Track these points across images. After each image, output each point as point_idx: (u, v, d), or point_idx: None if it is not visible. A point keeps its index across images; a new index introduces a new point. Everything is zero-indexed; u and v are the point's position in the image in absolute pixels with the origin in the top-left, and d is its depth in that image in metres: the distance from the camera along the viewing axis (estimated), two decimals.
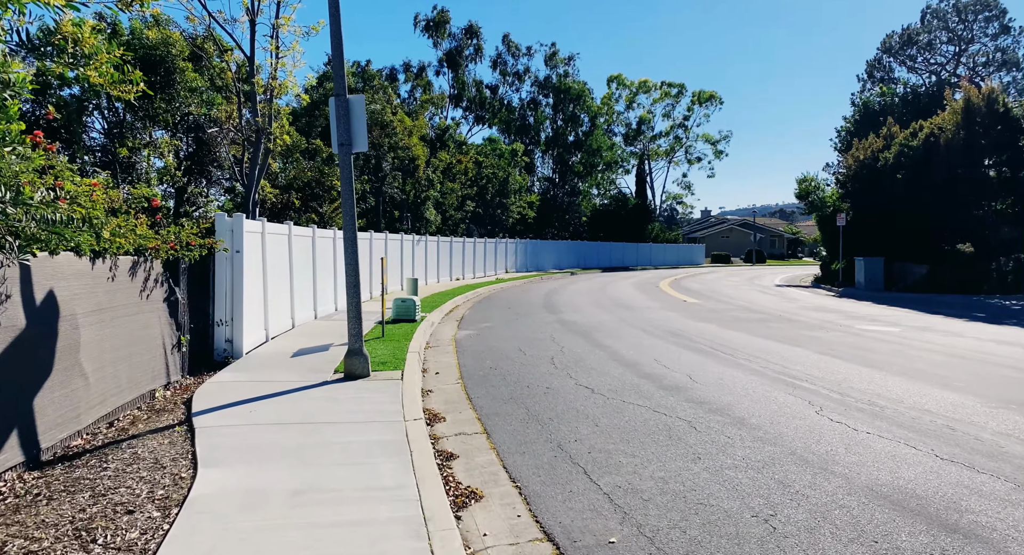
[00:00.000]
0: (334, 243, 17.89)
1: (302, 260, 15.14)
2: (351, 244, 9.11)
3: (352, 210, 9.15)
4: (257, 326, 11.80)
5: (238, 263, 10.81)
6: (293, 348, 11.43)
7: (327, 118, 23.88)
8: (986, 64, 52.41)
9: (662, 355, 10.52)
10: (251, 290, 11.42)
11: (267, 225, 12.54)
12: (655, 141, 73.06)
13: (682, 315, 16.78)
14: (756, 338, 12.46)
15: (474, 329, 14.91)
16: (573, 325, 14.89)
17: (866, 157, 31.66)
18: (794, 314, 17.14)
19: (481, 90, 60.31)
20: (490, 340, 13.00)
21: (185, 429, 6.55)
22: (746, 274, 45.35)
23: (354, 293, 9.13)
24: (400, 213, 30.75)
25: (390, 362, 10.16)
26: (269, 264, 12.60)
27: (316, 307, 16.12)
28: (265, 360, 10.37)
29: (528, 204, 46.83)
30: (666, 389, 8.12)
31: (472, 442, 6.44)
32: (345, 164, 9.07)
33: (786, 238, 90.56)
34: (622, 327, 14.32)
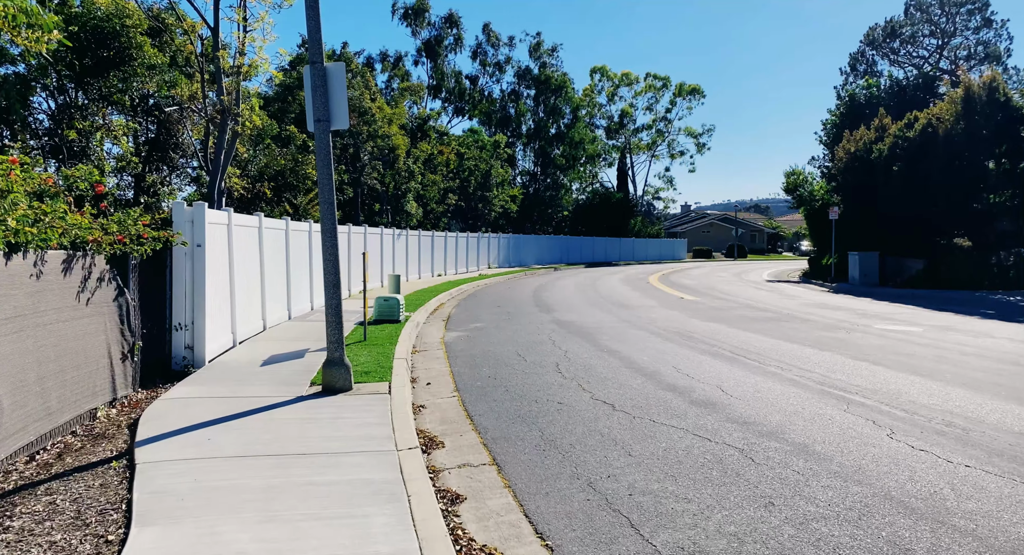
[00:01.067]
0: (309, 236, 16.56)
1: (274, 255, 13.81)
2: (330, 237, 7.87)
3: (331, 197, 7.91)
4: (222, 329, 10.50)
5: (199, 259, 9.49)
6: (264, 355, 10.15)
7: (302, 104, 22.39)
8: (968, 57, 52.32)
9: (681, 362, 9.43)
10: (215, 289, 10.11)
11: (234, 216, 11.22)
12: (637, 134, 72.26)
13: (685, 314, 15.75)
14: (776, 340, 11.45)
15: (464, 330, 13.72)
16: (571, 326, 13.77)
17: (857, 149, 30.96)
18: (802, 312, 16.20)
19: (460, 81, 58.87)
20: (483, 343, 11.82)
21: (124, 465, 5.29)
22: (732, 269, 44.68)
23: (334, 293, 7.89)
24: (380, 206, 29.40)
25: (375, 372, 8.94)
26: (237, 260, 11.29)
27: (290, 306, 14.81)
28: (231, 369, 9.08)
29: (511, 198, 45.63)
30: (699, 405, 7.02)
31: (481, 477, 5.28)
32: (322, 144, 7.82)
33: (766, 233, 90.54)
34: (625, 328, 13.24)
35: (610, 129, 70.17)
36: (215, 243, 10.28)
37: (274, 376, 8.63)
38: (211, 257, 9.96)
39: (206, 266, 9.58)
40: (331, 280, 7.88)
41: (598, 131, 68.69)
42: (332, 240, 7.88)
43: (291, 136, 20.01)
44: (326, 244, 7.86)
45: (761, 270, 43.55)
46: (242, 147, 16.54)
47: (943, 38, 52.51)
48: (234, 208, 18.23)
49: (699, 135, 73.09)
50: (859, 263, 27.02)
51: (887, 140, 27.88)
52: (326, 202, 7.85)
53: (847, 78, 57.72)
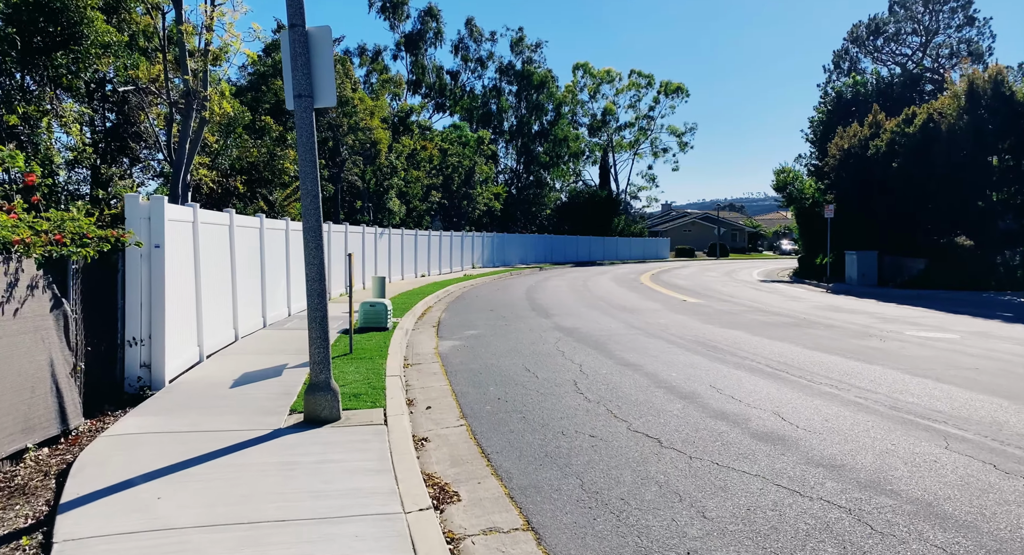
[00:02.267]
0: (287, 236, 15.16)
1: (248, 256, 12.42)
2: (314, 236, 6.57)
3: (316, 189, 6.60)
4: (186, 343, 9.12)
5: (158, 261, 8.12)
6: (235, 372, 8.79)
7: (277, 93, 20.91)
8: (951, 55, 52.18)
9: (718, 380, 8.27)
10: (178, 296, 8.74)
11: (201, 212, 9.84)
12: (620, 132, 71.38)
13: (696, 319, 14.64)
14: (809, 350, 10.36)
15: (459, 339, 12.46)
16: (577, 333, 12.58)
17: (852, 146, 30.23)
18: (819, 316, 15.19)
19: (441, 76, 57.46)
20: (483, 354, 10.58)
21: (38, 544, 3.96)
22: (720, 268, 43.90)
23: (318, 304, 6.59)
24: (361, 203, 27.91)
25: (366, 394, 7.65)
26: (204, 262, 9.91)
27: (265, 313, 13.42)
28: (195, 393, 7.72)
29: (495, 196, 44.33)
30: (764, 440, 5.86)
31: (516, 551, 4.05)
32: (305, 124, 6.51)
33: (747, 232, 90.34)
34: (638, 336, 12.07)
35: (593, 127, 69.17)
36: (178, 243, 8.91)
37: (246, 401, 7.30)
38: (173, 259, 8.58)
39: (166, 270, 8.21)
40: (315, 288, 6.58)
41: (581, 129, 67.69)
42: (316, 240, 6.58)
43: (266, 127, 18.48)
44: (309, 245, 6.56)
45: (749, 269, 42.82)
46: (211, 136, 14.99)
47: (927, 36, 52.31)
48: (203, 204, 16.74)
49: (682, 133, 72.45)
50: (857, 263, 26.23)
51: (884, 136, 27.13)
52: (309, 195, 6.54)
53: (831, 76, 57.36)
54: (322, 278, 6.61)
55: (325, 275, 6.66)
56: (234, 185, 15.53)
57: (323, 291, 6.61)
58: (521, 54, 59.35)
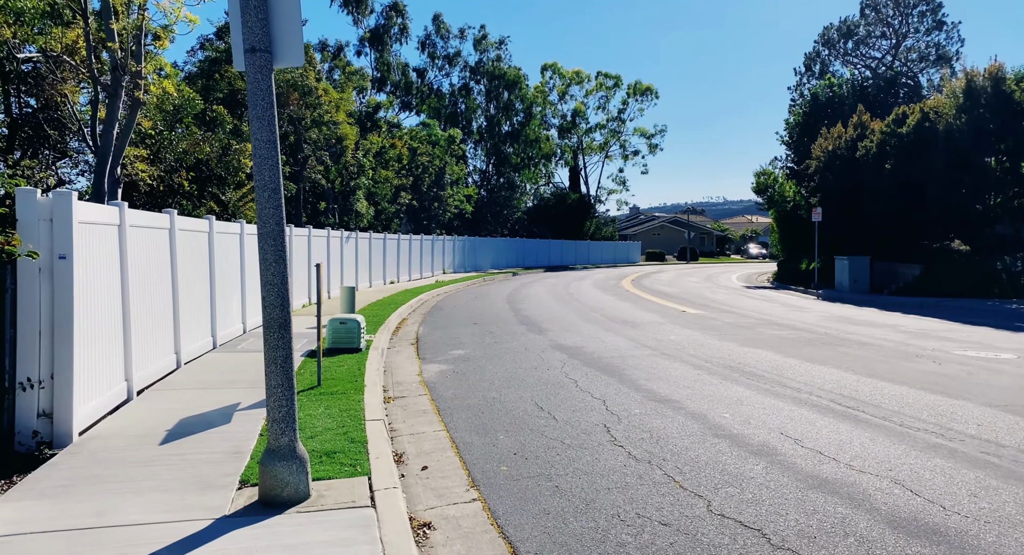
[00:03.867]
0: (242, 240, 13.17)
1: (194, 266, 10.44)
2: (274, 244, 4.75)
3: (276, 181, 4.80)
4: (107, 378, 7.16)
5: (64, 277, 6.19)
6: (170, 417, 6.86)
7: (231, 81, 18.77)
8: (920, 59, 52.32)
9: (784, 423, 6.67)
10: (96, 320, 6.79)
11: (130, 213, 7.89)
12: (590, 134, 70.21)
13: (709, 334, 13.13)
14: (866, 378, 8.85)
15: (445, 361, 10.68)
16: (583, 354, 10.92)
17: (837, 147, 29.35)
18: (839, 331, 13.81)
19: (407, 74, 55.46)
20: (479, 384, 8.83)
21: None
22: (697, 273, 42.87)
23: (280, 337, 4.78)
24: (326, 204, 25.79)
25: (342, 451, 5.84)
26: (136, 274, 7.95)
27: (215, 331, 11.44)
28: (111, 453, 5.80)
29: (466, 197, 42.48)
30: (919, 535, 4.23)
31: None
32: (260, 90, 4.69)
33: (715, 235, 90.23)
34: (654, 358, 10.47)
35: (563, 128, 67.86)
36: (96, 252, 6.96)
37: (181, 466, 5.42)
38: (87, 273, 6.64)
39: (76, 287, 6.27)
40: (276, 316, 4.76)
41: (551, 131, 66.32)
42: (278, 250, 4.76)
43: (219, 118, 16.36)
44: (268, 257, 4.73)
45: (727, 274, 41.87)
46: (147, 121, 12.88)
47: (896, 39, 52.34)
48: (142, 204, 14.59)
49: (651, 135, 71.61)
50: (849, 269, 25.19)
51: (874, 137, 26.21)
52: (267, 188, 4.73)
53: (801, 78, 57.13)
54: (285, 303, 4.79)
55: (289, 298, 4.84)
56: (179, 182, 13.46)
57: (286, 320, 4.80)
58: (485, 52, 57.68)
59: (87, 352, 6.63)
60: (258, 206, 4.78)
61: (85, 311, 6.58)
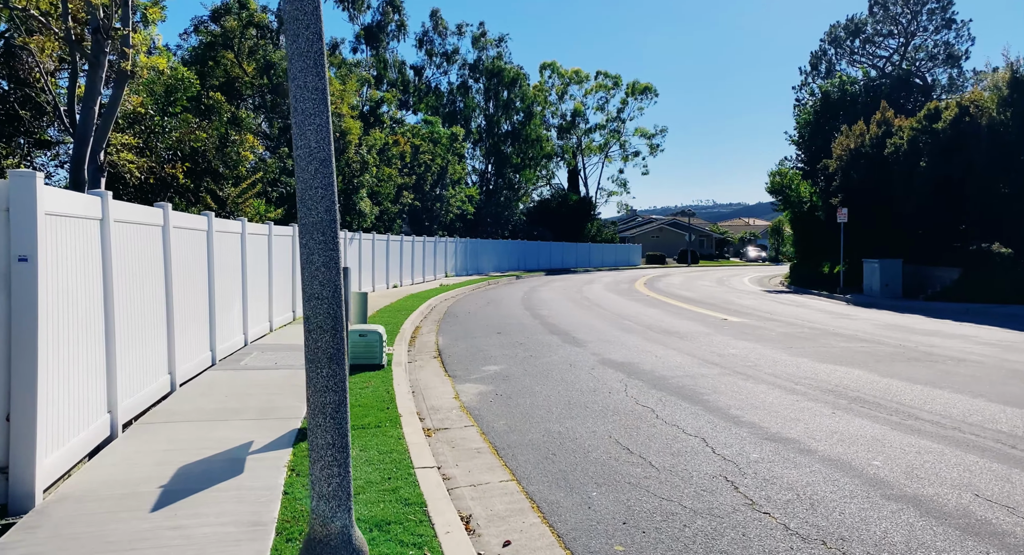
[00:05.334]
0: (243, 241, 11.68)
1: (191, 269, 8.94)
2: (322, 237, 3.29)
3: (326, 151, 3.32)
4: (85, 413, 5.66)
5: (25, 284, 4.71)
6: (164, 466, 5.34)
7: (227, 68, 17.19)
8: (929, 58, 51.37)
9: (964, 475, 5.22)
10: (66, 337, 5.31)
11: (114, 206, 6.40)
12: (589, 135, 68.91)
13: (772, 347, 11.75)
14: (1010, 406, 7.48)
15: (480, 379, 9.22)
16: (640, 373, 9.49)
17: (861, 145, 28.12)
18: (910, 342, 12.44)
19: (404, 71, 53.94)
20: (533, 411, 7.38)
21: None
22: (706, 276, 41.59)
23: (331, 376, 3.31)
24: None
25: (398, 521, 4.36)
26: (121, 280, 6.46)
27: (215, 344, 9.94)
28: (86, 526, 4.28)
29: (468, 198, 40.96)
30: None
31: None
32: (302, 13, 3.22)
33: (714, 238, 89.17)
34: (730, 379, 9.05)
35: (562, 128, 66.53)
36: (70, 252, 5.48)
37: (183, 549, 3.92)
38: (57, 279, 5.16)
39: (41, 298, 4.79)
40: (325, 346, 3.30)
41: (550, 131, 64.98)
42: (328, 248, 3.30)
43: (216, 106, 14.81)
44: (315, 256, 3.27)
45: (737, 277, 40.63)
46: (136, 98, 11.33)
47: (905, 37, 51.38)
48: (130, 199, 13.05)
49: (652, 136, 70.47)
50: (879, 272, 23.91)
51: (904, 134, 24.98)
52: (313, 159, 3.27)
53: (806, 78, 56.13)
54: (339, 324, 3.33)
55: (343, 317, 3.39)
56: (173, 175, 11.93)
57: (339, 351, 3.34)
58: (484, 49, 56.25)
59: (57, 381, 5.13)
60: (300, 185, 3.31)
61: (54, 328, 5.09)
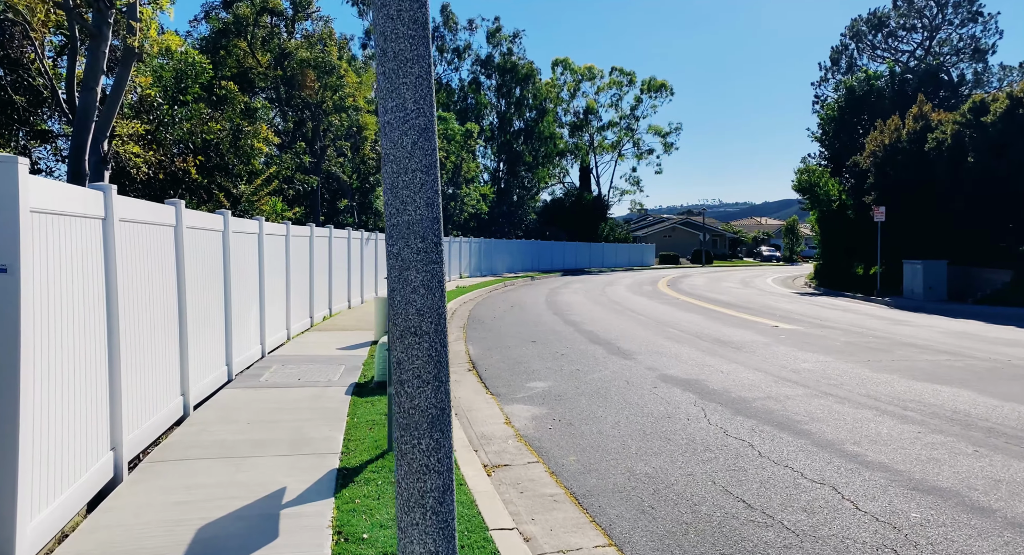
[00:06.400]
0: (260, 242, 10.65)
1: (206, 274, 7.92)
2: (422, 242, 2.22)
3: (428, 115, 2.24)
4: (81, 456, 4.63)
5: (4, 300, 3.68)
6: (178, 530, 4.25)
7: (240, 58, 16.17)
8: (955, 52, 50.01)
9: None
10: (58, 365, 4.28)
11: (119, 202, 5.37)
12: (602, 132, 67.69)
13: (845, 360, 10.66)
14: None
15: (529, 400, 8.15)
16: (710, 393, 8.41)
17: (896, 140, 26.91)
18: (1006, 356, 11.32)
19: None
20: (604, 444, 6.32)
21: None
22: (727, 277, 40.40)
23: (432, 452, 2.23)
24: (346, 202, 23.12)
25: None
26: (127, 291, 5.43)
27: (231, 357, 8.91)
28: None
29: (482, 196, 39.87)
30: None
31: None
32: None
33: (728, 237, 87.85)
34: (821, 402, 7.95)
35: (574, 126, 65.36)
36: (64, 259, 4.45)
37: None
38: (47, 293, 4.13)
39: (24, 317, 3.77)
40: (425, 403, 2.24)
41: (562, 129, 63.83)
42: (430, 258, 2.22)
43: (229, 96, 13.77)
44: (413, 272, 2.20)
45: (759, 278, 39.44)
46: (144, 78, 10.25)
47: (930, 31, 50.03)
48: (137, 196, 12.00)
49: (666, 134, 69.16)
50: (922, 274, 22.73)
51: (946, 128, 23.79)
52: (411, 128, 2.18)
53: (826, 73, 54.85)
54: (442, 373, 2.26)
55: (447, 367, 2.33)
56: (184, 169, 10.88)
57: (443, 411, 2.26)
58: (498, 46, 55.19)
59: (47, 420, 4.10)
60: (389, 167, 2.24)
61: (43, 355, 4.05)
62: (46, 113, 10.03)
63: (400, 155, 2.21)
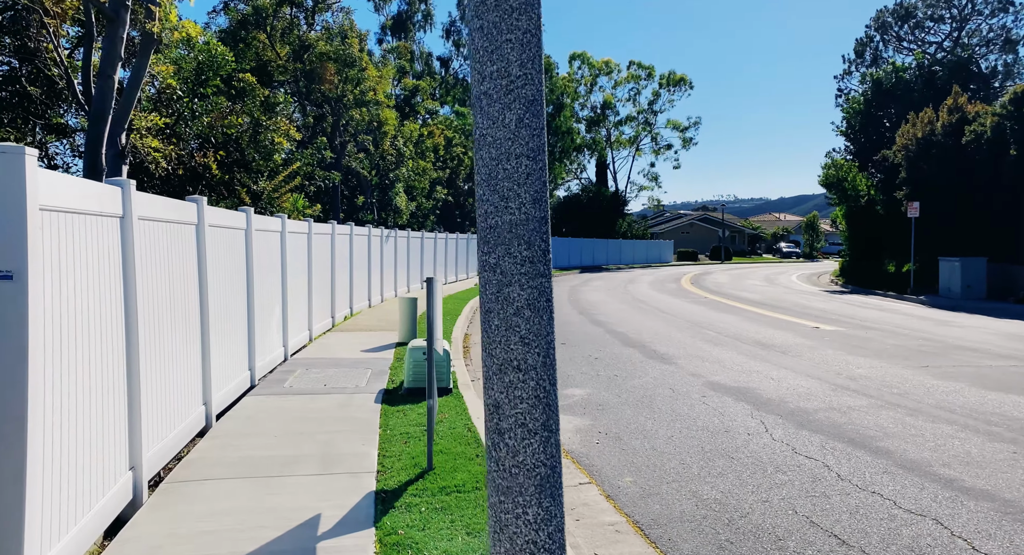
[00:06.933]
0: (283, 240, 10.21)
1: (228, 275, 7.48)
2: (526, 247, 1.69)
3: (536, 80, 1.71)
4: (97, 483, 4.17)
5: (10, 309, 3.21)
6: None
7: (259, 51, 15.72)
8: (985, 43, 48.69)
9: None
10: (71, 383, 3.82)
11: (138, 199, 4.92)
12: (619, 127, 66.85)
13: (900, 365, 10.08)
14: None
15: (570, 410, 7.64)
16: (764, 403, 7.86)
17: (930, 133, 26.04)
18: None
19: (430, 63, 52.42)
20: (658, 461, 5.82)
21: None
22: (750, 274, 39.61)
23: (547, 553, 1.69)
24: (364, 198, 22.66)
25: None
26: (146, 296, 4.99)
27: (254, 361, 8.48)
28: None
29: None
30: None
31: None
32: None
33: (747, 233, 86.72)
34: (889, 414, 7.36)
35: (591, 121, 64.58)
36: (77, 262, 3.99)
37: None
38: (58, 301, 3.68)
39: (33, 325, 3.31)
40: (535, 468, 1.69)
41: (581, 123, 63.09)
42: (539, 278, 1.69)
43: (249, 88, 13.30)
44: (512, 297, 1.67)
45: (784, 275, 38.62)
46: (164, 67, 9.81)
47: (959, 22, 48.75)
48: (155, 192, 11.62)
49: (685, 128, 68.19)
50: (960, 271, 21.93)
51: (986, 120, 22.93)
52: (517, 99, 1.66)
53: (849, 66, 53.68)
54: (551, 422, 1.73)
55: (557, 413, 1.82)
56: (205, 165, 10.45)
57: (555, 476, 1.74)
58: None
59: (59, 445, 3.64)
60: (485, 151, 1.72)
61: (54, 369, 3.59)
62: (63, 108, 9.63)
63: (501, 136, 1.69)
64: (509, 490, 1.73)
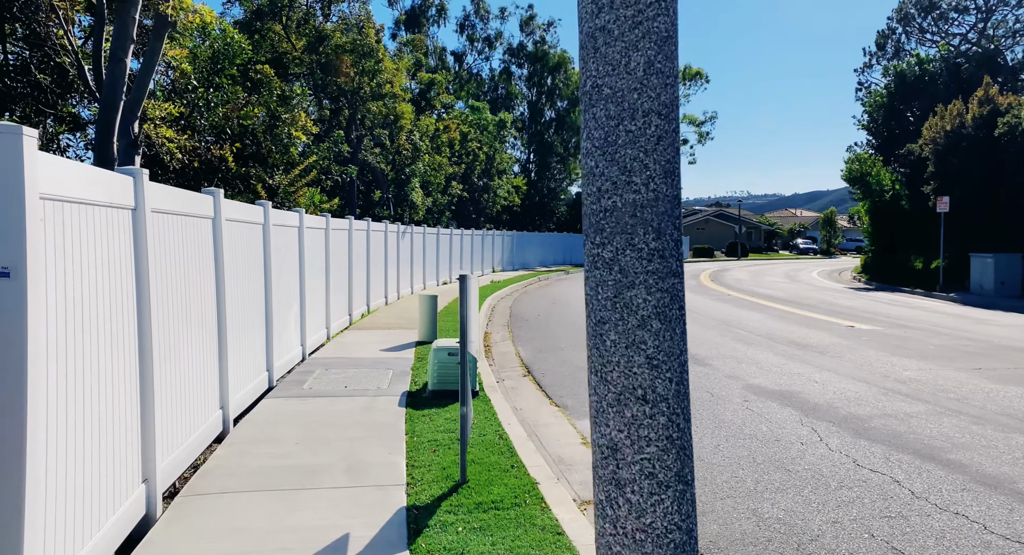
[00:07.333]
0: (300, 236, 9.85)
1: (245, 271, 7.12)
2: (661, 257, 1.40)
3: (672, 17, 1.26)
4: (107, 497, 3.79)
5: (7, 312, 2.82)
6: None
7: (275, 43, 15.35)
8: (1011, 35, 47.57)
9: None
10: (79, 393, 3.43)
11: (151, 189, 4.54)
12: None
13: (949, 367, 9.56)
14: None
15: None
16: (811, 408, 7.41)
17: (960, 126, 25.32)
18: None
19: (444, 58, 52.02)
20: (710, 475, 5.38)
21: None
22: (769, 270, 38.95)
23: None
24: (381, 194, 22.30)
25: None
26: (160, 295, 4.61)
27: (271, 361, 8.13)
28: None
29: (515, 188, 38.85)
30: None
31: None
32: None
33: (763, 230, 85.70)
34: (953, 422, 6.88)
35: None
36: (84, 257, 3.61)
37: None
38: (62, 301, 3.29)
39: (32, 335, 2.91)
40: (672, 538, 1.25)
41: None
42: (671, 280, 1.25)
43: (265, 80, 12.95)
44: (636, 307, 1.23)
45: (804, 272, 37.94)
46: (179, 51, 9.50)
47: (985, 14, 47.65)
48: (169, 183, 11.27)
49: (700, 123, 67.37)
50: (993, 268, 21.25)
51: (1019, 111, 22.21)
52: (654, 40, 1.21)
53: (871, 59, 52.72)
54: (687, 482, 1.29)
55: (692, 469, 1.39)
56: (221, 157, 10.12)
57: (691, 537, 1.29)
58: (532, 34, 54.00)
59: (63, 461, 3.27)
60: (595, 111, 1.29)
61: (57, 376, 3.22)
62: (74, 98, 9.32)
63: (624, 86, 1.27)
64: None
